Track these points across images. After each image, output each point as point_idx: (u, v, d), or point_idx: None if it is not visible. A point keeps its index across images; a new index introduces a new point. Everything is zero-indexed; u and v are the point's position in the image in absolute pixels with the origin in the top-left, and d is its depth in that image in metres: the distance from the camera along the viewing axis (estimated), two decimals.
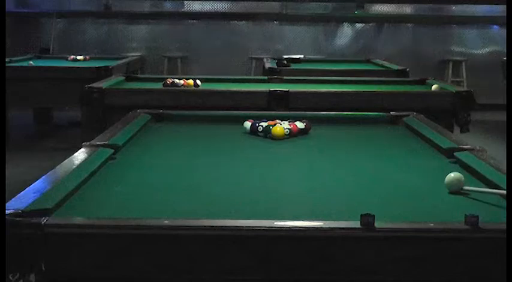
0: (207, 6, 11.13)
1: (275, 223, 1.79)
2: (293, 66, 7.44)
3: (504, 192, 2.16)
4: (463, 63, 10.82)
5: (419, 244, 1.76)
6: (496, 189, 2.26)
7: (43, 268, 1.72)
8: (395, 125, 3.78)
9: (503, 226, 1.78)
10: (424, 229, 1.79)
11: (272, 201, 2.21)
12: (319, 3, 11.18)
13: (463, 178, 2.30)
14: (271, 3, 11.16)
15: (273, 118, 3.57)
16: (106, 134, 3.19)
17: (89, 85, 4.79)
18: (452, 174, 2.31)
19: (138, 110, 3.90)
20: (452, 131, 4.20)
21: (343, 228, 1.77)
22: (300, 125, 3.44)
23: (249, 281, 1.76)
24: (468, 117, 4.63)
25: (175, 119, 3.83)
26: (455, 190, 2.28)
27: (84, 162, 2.54)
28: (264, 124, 3.40)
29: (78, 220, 1.86)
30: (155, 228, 1.77)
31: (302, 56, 9.01)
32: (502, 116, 8.47)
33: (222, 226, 1.78)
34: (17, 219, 1.77)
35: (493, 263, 1.75)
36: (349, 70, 6.99)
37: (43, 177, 2.31)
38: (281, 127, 3.35)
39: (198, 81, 5.23)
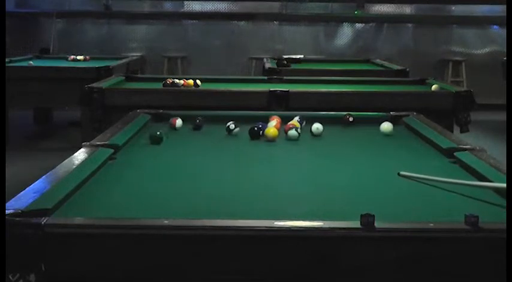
0: (207, 6, 11.13)
1: (275, 223, 1.79)
2: (293, 66, 7.44)
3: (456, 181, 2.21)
4: (463, 63, 10.82)
5: (419, 244, 1.76)
6: (495, 189, 2.26)
7: (43, 268, 1.72)
8: (396, 125, 3.77)
9: (503, 226, 1.78)
10: (424, 229, 1.79)
11: (272, 201, 2.21)
12: (319, 3, 11.18)
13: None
14: (271, 3, 11.16)
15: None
16: (106, 134, 3.19)
17: (89, 85, 4.80)
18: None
19: (138, 110, 3.90)
20: (452, 131, 4.20)
21: (343, 228, 1.77)
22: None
23: (249, 281, 1.76)
24: (468, 117, 4.63)
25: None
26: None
27: (84, 162, 2.53)
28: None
29: (78, 220, 1.86)
30: (155, 228, 1.77)
31: (302, 56, 9.01)
32: (502, 116, 8.46)
33: (222, 226, 1.78)
34: (17, 219, 1.77)
35: (493, 263, 1.75)
36: (349, 70, 6.99)
37: (43, 177, 2.31)
38: (274, 128, 3.34)
39: (198, 81, 5.23)
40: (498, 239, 1.75)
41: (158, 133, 3.18)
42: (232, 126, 3.41)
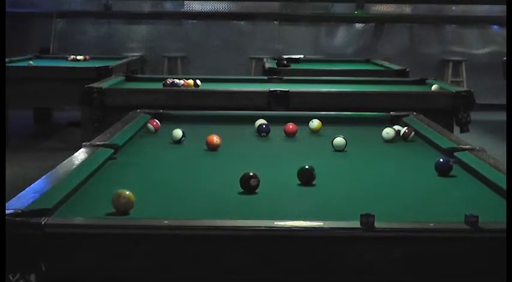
0: (207, 6, 11.13)
1: (275, 223, 1.79)
2: (293, 66, 7.44)
3: None
4: (463, 63, 10.81)
5: (419, 244, 1.76)
6: (495, 189, 2.26)
7: (43, 268, 1.72)
8: (396, 125, 3.77)
9: (503, 226, 1.78)
10: (424, 229, 1.79)
11: (272, 201, 2.21)
12: (319, 3, 11.17)
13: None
14: (271, 3, 11.16)
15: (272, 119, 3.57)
16: (106, 134, 3.19)
17: (89, 85, 4.80)
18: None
19: (138, 110, 3.90)
20: (452, 131, 4.20)
21: (343, 228, 1.77)
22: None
23: (249, 281, 1.76)
24: (468, 117, 4.63)
25: (175, 119, 3.82)
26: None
27: (84, 162, 2.54)
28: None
29: (78, 220, 1.86)
30: (155, 228, 1.77)
31: (302, 56, 9.00)
32: (502, 116, 8.46)
33: (222, 226, 1.78)
34: (17, 219, 1.77)
35: (493, 263, 1.75)
36: (349, 70, 6.99)
37: (43, 177, 2.31)
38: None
39: (198, 81, 5.23)
40: (498, 239, 1.75)
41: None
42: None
